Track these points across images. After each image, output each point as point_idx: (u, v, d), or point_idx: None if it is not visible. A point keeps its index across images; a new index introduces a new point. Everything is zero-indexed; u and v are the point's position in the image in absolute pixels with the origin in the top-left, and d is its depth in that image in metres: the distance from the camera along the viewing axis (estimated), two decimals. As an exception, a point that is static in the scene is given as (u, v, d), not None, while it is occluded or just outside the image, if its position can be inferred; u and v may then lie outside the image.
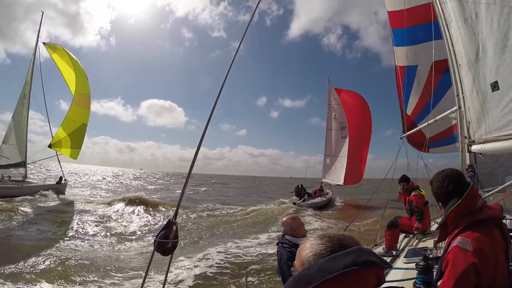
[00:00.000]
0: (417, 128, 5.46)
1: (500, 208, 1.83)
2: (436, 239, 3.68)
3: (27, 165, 20.22)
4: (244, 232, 12.99)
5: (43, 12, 22.59)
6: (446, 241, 1.83)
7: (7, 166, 19.21)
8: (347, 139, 21.56)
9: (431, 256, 2.44)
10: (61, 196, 18.92)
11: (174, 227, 1.80)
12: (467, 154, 3.70)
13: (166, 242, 1.78)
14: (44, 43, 19.77)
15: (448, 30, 4.16)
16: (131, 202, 18.22)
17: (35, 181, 21.01)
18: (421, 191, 4.83)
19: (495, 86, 3.47)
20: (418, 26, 5.69)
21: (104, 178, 58.31)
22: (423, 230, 4.43)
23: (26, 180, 19.65)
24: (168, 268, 1.87)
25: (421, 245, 3.64)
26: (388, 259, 3.72)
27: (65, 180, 20.55)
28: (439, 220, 4.85)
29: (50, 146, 18.45)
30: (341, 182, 21.17)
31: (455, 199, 1.75)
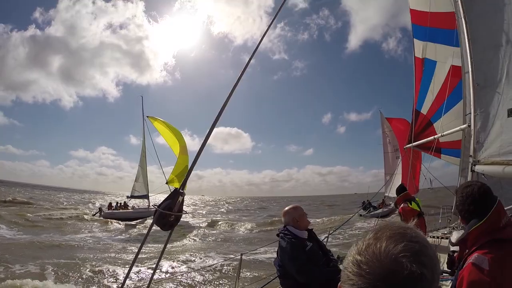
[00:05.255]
0: (423, 140, 5.41)
1: None
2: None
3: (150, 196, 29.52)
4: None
5: (142, 97, 30.33)
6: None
7: (138, 196, 28.61)
8: (400, 159, 26.02)
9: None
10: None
11: (181, 198, 1.53)
12: (470, 173, 3.67)
13: (169, 215, 1.50)
14: (148, 116, 27.01)
15: (470, 51, 4.04)
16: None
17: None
18: (410, 203, 4.70)
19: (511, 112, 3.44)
20: (440, 29, 5.56)
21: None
22: None
23: (150, 206, 27.74)
24: (166, 244, 1.59)
25: None
26: None
27: None
28: (432, 233, 4.90)
29: (167, 183, 25.52)
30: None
31: (475, 220, 1.67)
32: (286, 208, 2.60)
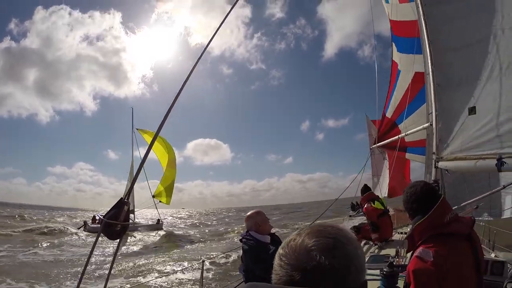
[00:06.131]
0: (388, 140, 5.58)
1: (471, 221, 1.82)
2: (397, 248, 3.80)
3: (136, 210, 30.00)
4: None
5: (132, 108, 29.89)
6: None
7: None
8: (386, 160, 26.80)
9: (395, 263, 2.44)
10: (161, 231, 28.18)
11: (126, 207, 1.55)
12: (434, 169, 3.80)
13: (115, 224, 1.52)
14: (137, 129, 27.30)
15: (431, 52, 4.23)
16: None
17: (142, 222, 31.46)
18: (373, 203, 4.77)
19: (472, 110, 3.59)
20: (404, 38, 5.81)
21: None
22: (383, 239, 4.46)
23: (136, 221, 28.71)
24: (115, 256, 1.59)
25: (382, 252, 3.71)
26: None
27: (161, 221, 29.50)
28: (400, 230, 5.03)
29: (153, 196, 25.68)
30: (386, 194, 25.87)
31: (419, 216, 1.77)
32: (249, 213, 2.62)
